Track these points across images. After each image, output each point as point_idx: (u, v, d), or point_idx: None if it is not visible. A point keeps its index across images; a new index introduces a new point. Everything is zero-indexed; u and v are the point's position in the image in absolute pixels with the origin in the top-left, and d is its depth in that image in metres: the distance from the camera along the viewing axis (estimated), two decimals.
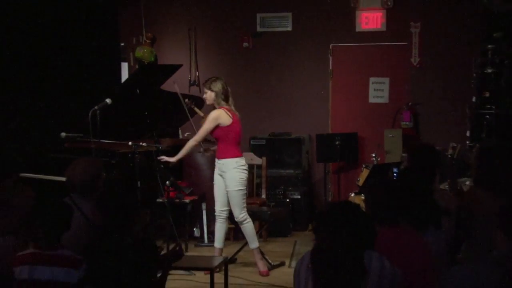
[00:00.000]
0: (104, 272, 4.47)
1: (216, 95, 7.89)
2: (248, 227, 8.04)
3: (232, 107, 7.98)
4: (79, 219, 5.03)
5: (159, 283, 4.84)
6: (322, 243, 3.35)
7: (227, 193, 7.99)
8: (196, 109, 8.60)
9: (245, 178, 8.05)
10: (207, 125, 7.90)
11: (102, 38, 9.85)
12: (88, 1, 9.52)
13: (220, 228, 8.19)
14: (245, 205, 8.03)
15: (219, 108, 7.90)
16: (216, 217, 8.23)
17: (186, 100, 8.63)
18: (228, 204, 8.03)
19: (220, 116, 7.85)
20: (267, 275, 8.04)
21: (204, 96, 8.06)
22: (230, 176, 7.91)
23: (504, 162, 5.42)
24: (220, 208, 8.14)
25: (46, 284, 4.23)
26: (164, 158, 7.90)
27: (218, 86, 7.92)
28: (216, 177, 8.13)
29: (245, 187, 8.06)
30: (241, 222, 8.00)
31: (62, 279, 4.24)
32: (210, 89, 7.91)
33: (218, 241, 8.20)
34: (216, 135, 7.98)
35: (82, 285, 4.33)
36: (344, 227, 3.73)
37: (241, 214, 7.95)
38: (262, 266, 8.13)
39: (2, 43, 8.01)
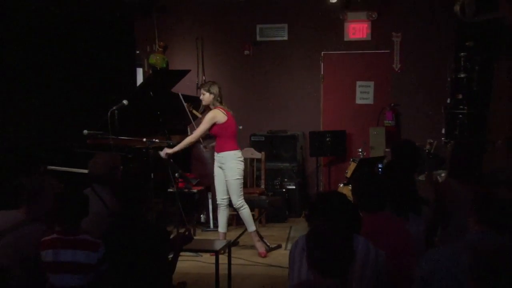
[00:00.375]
0: (122, 253, 4.48)
1: (214, 97, 7.96)
2: (245, 213, 8.06)
3: (225, 107, 8.05)
4: (99, 206, 5.04)
5: (171, 263, 4.85)
6: (315, 228, 3.35)
7: (226, 183, 8.05)
8: (194, 111, 8.62)
9: (242, 169, 8.11)
10: (204, 125, 7.96)
11: (120, 46, 9.85)
12: (108, 15, 9.51)
13: (222, 214, 8.25)
14: (242, 193, 8.07)
15: (215, 108, 7.99)
16: (218, 205, 8.28)
17: (186, 104, 8.64)
18: (228, 193, 8.08)
19: (215, 116, 7.93)
20: (265, 256, 8.07)
21: (201, 97, 8.09)
22: (229, 167, 7.98)
23: (474, 157, 5.44)
24: (221, 197, 8.19)
25: (69, 266, 4.23)
26: (166, 150, 7.87)
27: (215, 89, 7.99)
28: (216, 170, 8.19)
29: (242, 177, 8.09)
30: (239, 208, 8.04)
31: (82, 261, 4.24)
32: (208, 91, 7.97)
33: (222, 227, 8.26)
34: (214, 132, 8.04)
35: (101, 266, 4.34)
36: (333, 214, 3.74)
37: (238, 201, 8.01)
38: (260, 247, 8.17)
39: (37, 52, 8.00)
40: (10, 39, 7.66)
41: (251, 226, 8.14)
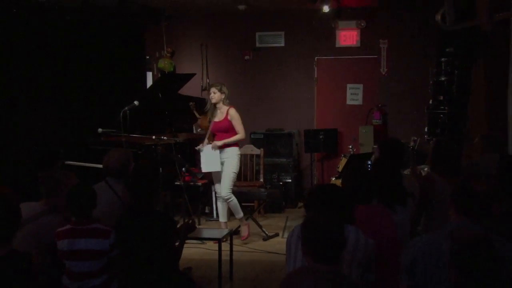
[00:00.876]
0: (133, 241, 4.48)
1: (224, 96, 7.86)
2: (233, 203, 8.00)
3: None
4: (112, 198, 5.03)
5: (178, 250, 4.84)
6: (311, 217, 3.34)
7: (222, 178, 7.96)
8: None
9: (239, 165, 8.15)
10: (240, 121, 7.92)
11: (131, 52, 9.84)
12: (121, 24, 9.50)
13: (222, 206, 8.16)
14: (232, 186, 7.98)
15: (230, 107, 7.91)
16: (218, 198, 8.24)
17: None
18: None
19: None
20: (246, 238, 8.19)
21: (211, 95, 7.89)
22: (232, 161, 7.92)
23: (454, 153, 5.43)
24: (219, 189, 8.11)
25: (83, 253, 4.22)
26: (216, 143, 7.86)
27: (226, 90, 7.91)
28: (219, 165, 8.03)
29: (237, 172, 8.13)
30: (227, 199, 7.97)
31: (96, 248, 4.23)
32: (220, 90, 7.84)
33: (222, 217, 8.20)
34: (228, 128, 7.91)
35: (113, 251, 4.33)
36: (329, 204, 3.73)
37: (228, 193, 7.92)
38: (244, 231, 8.24)
39: (58, 60, 8.00)
40: (35, 49, 7.65)
41: (239, 214, 8.12)
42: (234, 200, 8.01)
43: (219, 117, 7.98)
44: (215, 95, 7.86)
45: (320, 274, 3.05)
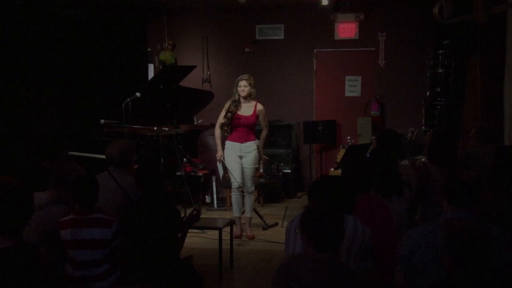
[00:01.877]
0: (137, 230, 4.51)
1: (254, 90, 7.60)
2: (253, 198, 7.91)
3: None
4: (115, 188, 5.05)
5: (180, 239, 4.87)
6: (314, 205, 3.36)
7: (244, 170, 7.67)
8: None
9: None
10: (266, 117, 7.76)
11: (134, 45, 9.85)
12: (123, 17, 9.50)
13: (238, 199, 7.77)
14: None
15: (257, 101, 7.67)
16: (235, 190, 7.76)
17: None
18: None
19: None
20: (253, 238, 7.79)
21: (242, 89, 7.48)
22: (253, 155, 7.66)
23: (450, 144, 5.45)
24: (240, 181, 7.69)
25: (86, 242, 4.24)
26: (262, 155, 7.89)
27: (254, 82, 7.64)
28: (234, 157, 7.64)
29: None
30: (251, 193, 7.78)
31: (98, 237, 4.25)
32: (250, 84, 7.53)
33: (237, 211, 7.84)
34: (255, 123, 7.70)
35: (115, 240, 4.36)
36: (331, 194, 3.76)
37: (252, 187, 7.79)
38: (250, 231, 7.88)
39: (63, 52, 8.00)
40: (37, 42, 7.66)
41: (251, 212, 7.89)
42: (254, 196, 7.96)
43: (245, 111, 7.61)
44: (246, 89, 7.51)
45: (318, 262, 3.08)
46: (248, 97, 7.58)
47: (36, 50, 7.60)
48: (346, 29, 10.89)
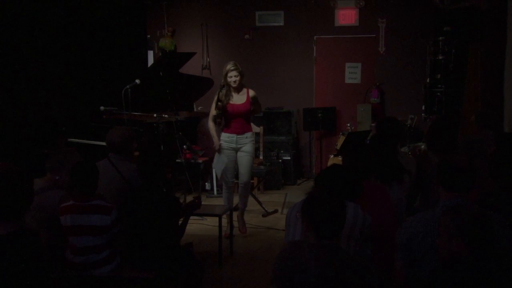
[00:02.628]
0: (137, 218, 4.52)
1: (244, 78, 7.14)
2: (248, 190, 7.52)
3: None
4: (114, 174, 5.06)
5: (182, 226, 4.87)
6: (313, 192, 3.35)
7: (243, 162, 7.21)
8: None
9: None
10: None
11: (133, 31, 9.81)
12: (122, 3, 9.47)
13: (228, 194, 7.34)
14: None
15: (247, 88, 7.20)
16: (229, 187, 7.37)
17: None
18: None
19: None
20: (245, 232, 7.41)
21: (234, 79, 6.96)
22: (250, 145, 7.22)
23: (449, 130, 5.44)
24: (232, 179, 7.36)
25: (86, 228, 4.25)
26: None
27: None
28: (228, 152, 7.22)
29: None
30: (248, 183, 7.36)
31: (98, 223, 4.26)
32: (241, 73, 7.04)
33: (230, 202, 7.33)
34: (250, 110, 7.25)
35: (115, 227, 4.36)
36: (336, 181, 3.78)
37: (248, 178, 7.33)
38: (242, 225, 7.44)
39: (61, 37, 7.97)
40: (35, 28, 7.62)
41: (245, 204, 7.46)
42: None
43: (237, 99, 7.10)
44: (237, 79, 7.00)
45: (319, 248, 3.08)
46: (239, 86, 7.09)
47: (34, 36, 7.56)
48: (346, 15, 10.86)
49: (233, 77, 7.01)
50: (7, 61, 7.03)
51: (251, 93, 7.18)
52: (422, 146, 7.56)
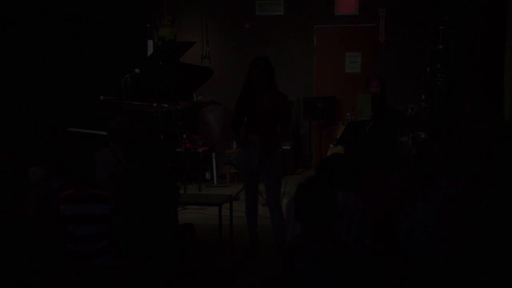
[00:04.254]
0: (135, 205, 4.52)
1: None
2: (282, 216, 5.87)
3: None
4: (114, 163, 5.05)
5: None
6: (303, 182, 3.34)
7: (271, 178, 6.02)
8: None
9: None
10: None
11: (132, 20, 9.79)
12: None
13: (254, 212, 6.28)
14: None
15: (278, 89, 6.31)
16: (249, 201, 6.25)
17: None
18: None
19: None
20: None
21: (260, 77, 6.25)
22: (280, 160, 6.12)
23: (449, 121, 5.44)
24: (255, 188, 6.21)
25: (85, 217, 4.25)
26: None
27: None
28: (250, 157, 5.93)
29: None
30: (276, 209, 6.10)
31: (97, 212, 4.26)
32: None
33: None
34: (278, 114, 6.14)
35: (114, 216, 4.37)
36: (335, 171, 3.79)
37: (278, 199, 6.14)
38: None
39: (61, 27, 7.95)
40: (35, 18, 7.61)
41: (282, 239, 5.55)
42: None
43: (264, 101, 6.19)
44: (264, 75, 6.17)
45: (325, 241, 3.08)
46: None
47: (33, 26, 7.55)
48: (347, 4, 10.83)
49: (258, 73, 6.29)
50: (8, 51, 7.03)
51: (281, 94, 6.49)
52: (422, 135, 7.55)
